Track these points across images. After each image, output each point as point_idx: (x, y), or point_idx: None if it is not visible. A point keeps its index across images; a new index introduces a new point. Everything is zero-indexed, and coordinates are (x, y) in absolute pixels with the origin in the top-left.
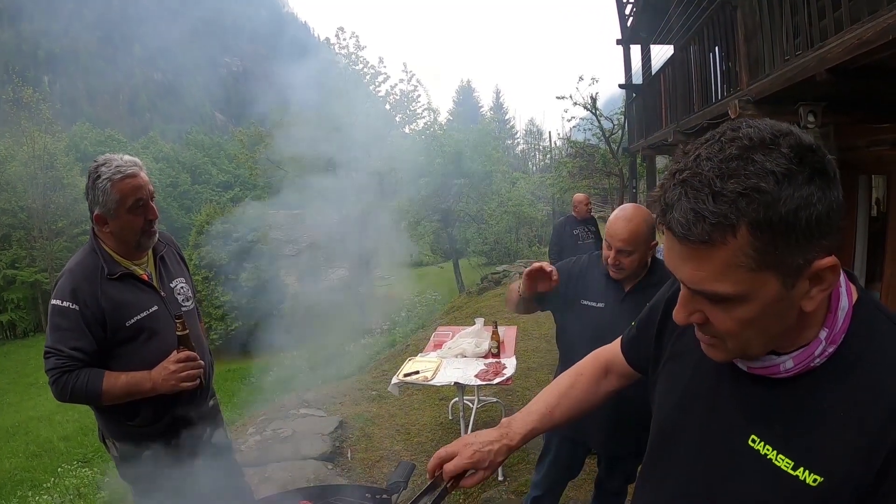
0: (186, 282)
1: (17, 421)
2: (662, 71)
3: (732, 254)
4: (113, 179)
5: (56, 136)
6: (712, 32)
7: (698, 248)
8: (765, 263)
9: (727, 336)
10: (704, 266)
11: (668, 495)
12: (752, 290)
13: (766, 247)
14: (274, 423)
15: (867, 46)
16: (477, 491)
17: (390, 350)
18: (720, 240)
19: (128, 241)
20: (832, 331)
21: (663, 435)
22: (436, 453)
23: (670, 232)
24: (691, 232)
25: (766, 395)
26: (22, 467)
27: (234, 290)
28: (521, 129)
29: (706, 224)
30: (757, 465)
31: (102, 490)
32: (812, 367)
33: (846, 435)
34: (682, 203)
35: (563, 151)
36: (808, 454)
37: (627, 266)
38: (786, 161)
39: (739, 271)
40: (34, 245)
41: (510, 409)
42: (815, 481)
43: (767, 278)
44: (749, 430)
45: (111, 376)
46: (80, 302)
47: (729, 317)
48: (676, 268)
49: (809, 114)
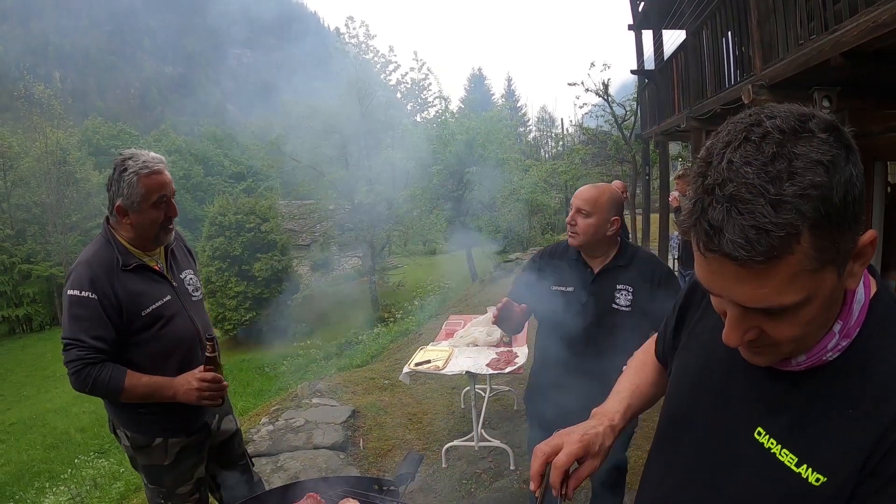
0: (194, 273)
1: (35, 413)
2: (675, 56)
3: (798, 262)
4: (140, 174)
5: (68, 131)
6: (725, 16)
7: (759, 268)
8: (826, 260)
9: (785, 343)
10: (768, 283)
11: (674, 480)
12: (814, 290)
13: (827, 244)
14: (287, 413)
15: (882, 30)
16: (489, 479)
17: (403, 339)
18: (787, 251)
19: (146, 235)
20: (846, 324)
21: (672, 422)
22: (535, 450)
23: (724, 257)
24: (755, 251)
25: (775, 388)
26: (40, 459)
27: (248, 280)
28: (534, 116)
29: (771, 238)
30: (759, 458)
31: (118, 480)
32: (824, 362)
33: (854, 434)
34: (736, 221)
35: (575, 138)
36: (813, 451)
37: (582, 229)
38: (827, 146)
39: (804, 277)
40: (49, 240)
41: (522, 398)
42: (818, 480)
43: (827, 274)
44: (756, 423)
45: (134, 376)
46: (99, 292)
47: (790, 324)
48: (729, 290)
49: (824, 99)
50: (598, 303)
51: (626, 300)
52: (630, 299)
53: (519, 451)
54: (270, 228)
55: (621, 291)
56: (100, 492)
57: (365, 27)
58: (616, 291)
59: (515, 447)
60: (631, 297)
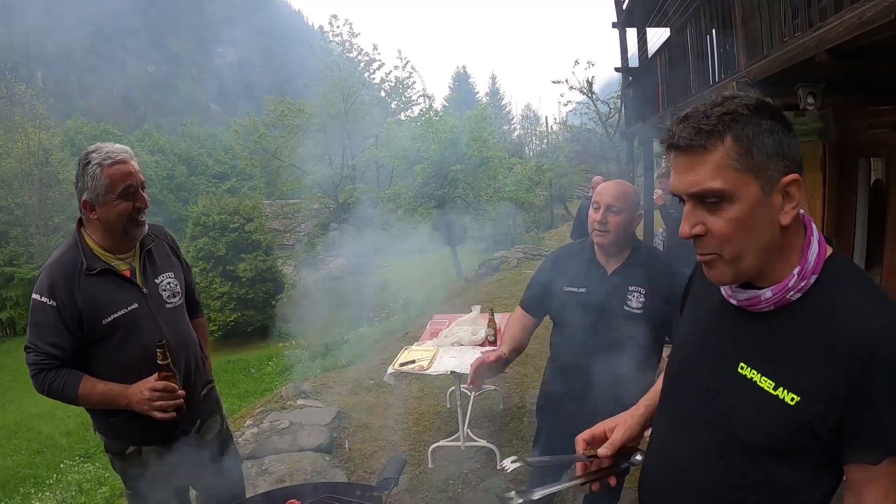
0: (175, 276)
1: (19, 418)
2: (659, 54)
3: (722, 156)
4: (103, 165)
5: (50, 131)
6: (709, 14)
7: (697, 153)
8: (745, 167)
9: (723, 242)
10: (702, 169)
11: (677, 422)
12: (737, 188)
13: (745, 153)
14: (271, 415)
15: (868, 26)
16: (476, 480)
17: (388, 338)
18: (712, 145)
19: (114, 230)
20: (803, 268)
21: (669, 380)
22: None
23: (677, 150)
24: (693, 140)
25: (752, 327)
26: (25, 464)
27: (232, 280)
28: (518, 114)
29: (703, 133)
30: (744, 388)
31: (104, 485)
32: (788, 301)
33: (818, 360)
34: (686, 125)
35: (559, 136)
36: (787, 376)
37: (614, 227)
38: (754, 101)
39: (728, 171)
40: (31, 242)
41: (508, 398)
42: (793, 400)
43: (749, 180)
44: (738, 359)
45: (89, 382)
46: (58, 299)
47: (723, 219)
48: (681, 183)
49: (809, 95)
50: (611, 304)
51: (639, 302)
52: (642, 301)
53: (505, 451)
54: (255, 228)
55: (633, 293)
56: (85, 497)
57: (349, 25)
58: (629, 293)
59: (502, 447)
60: (643, 299)
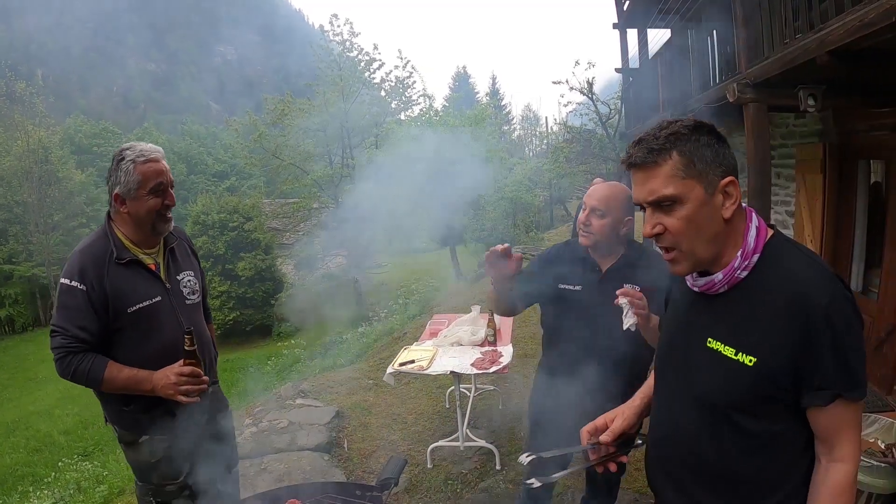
0: (195, 276)
1: (18, 416)
2: (660, 55)
3: (671, 168)
4: (136, 161)
5: (50, 129)
6: (710, 15)
7: (651, 168)
8: (690, 174)
9: (679, 238)
10: (655, 180)
11: (667, 399)
12: (685, 192)
13: (689, 163)
14: (270, 414)
15: (869, 28)
16: (474, 480)
17: (387, 338)
18: (662, 160)
19: (143, 225)
20: (745, 250)
21: (660, 358)
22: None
23: (634, 168)
24: (647, 158)
25: (713, 307)
26: (23, 462)
27: (231, 279)
28: (518, 114)
29: (654, 152)
30: (712, 358)
31: (102, 484)
32: (738, 280)
33: (769, 325)
34: (640, 146)
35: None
36: (744, 342)
37: (597, 229)
38: (692, 123)
39: (676, 179)
40: (31, 240)
41: (507, 398)
42: (751, 361)
43: (694, 185)
44: (706, 335)
45: (114, 367)
46: (87, 283)
47: (676, 218)
48: (640, 193)
49: (809, 97)
50: (605, 302)
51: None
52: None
53: (504, 451)
54: (254, 227)
55: None
56: (83, 495)
57: (349, 24)
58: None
59: (501, 447)
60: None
